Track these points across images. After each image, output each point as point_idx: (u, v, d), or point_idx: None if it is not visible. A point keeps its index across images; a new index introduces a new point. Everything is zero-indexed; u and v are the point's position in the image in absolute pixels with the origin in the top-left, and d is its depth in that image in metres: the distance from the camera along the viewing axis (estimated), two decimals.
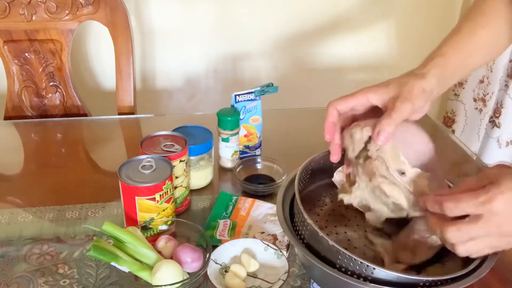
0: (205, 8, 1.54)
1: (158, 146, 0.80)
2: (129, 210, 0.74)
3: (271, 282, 0.66)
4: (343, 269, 0.55)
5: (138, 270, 0.64)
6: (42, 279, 0.69)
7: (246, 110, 0.96)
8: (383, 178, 0.61)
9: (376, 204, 0.63)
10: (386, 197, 0.62)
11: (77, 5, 1.21)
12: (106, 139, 1.13)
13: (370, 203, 0.64)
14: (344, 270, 0.55)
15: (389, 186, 0.61)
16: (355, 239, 0.65)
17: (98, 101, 1.45)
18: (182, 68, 1.64)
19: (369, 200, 0.64)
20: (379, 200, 0.63)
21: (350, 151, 0.66)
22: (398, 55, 1.69)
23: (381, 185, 0.61)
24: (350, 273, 0.55)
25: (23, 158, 1.03)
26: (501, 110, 1.56)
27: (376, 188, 0.62)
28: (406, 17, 1.66)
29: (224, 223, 0.80)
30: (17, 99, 1.27)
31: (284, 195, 0.67)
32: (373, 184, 0.62)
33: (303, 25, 1.61)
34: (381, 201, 0.63)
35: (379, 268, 0.53)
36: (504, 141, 1.66)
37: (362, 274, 0.54)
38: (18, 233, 0.78)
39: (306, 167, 0.69)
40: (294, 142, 1.08)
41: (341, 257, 0.55)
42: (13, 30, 1.21)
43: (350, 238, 0.65)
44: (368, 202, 0.64)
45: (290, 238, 0.60)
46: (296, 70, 1.69)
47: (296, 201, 0.62)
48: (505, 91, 1.57)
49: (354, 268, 0.55)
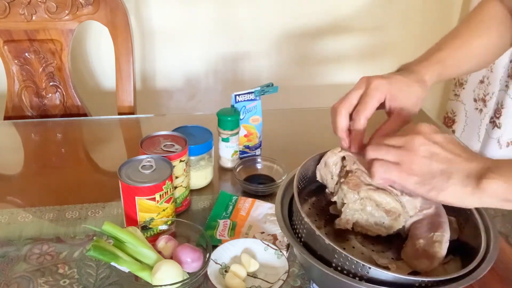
0: (205, 8, 1.54)
1: (158, 146, 0.80)
2: (129, 210, 0.74)
3: (271, 282, 0.66)
4: (339, 268, 0.55)
5: (138, 270, 0.64)
6: (42, 279, 0.69)
7: (246, 110, 0.96)
8: (369, 186, 0.62)
9: (370, 223, 0.63)
10: (377, 209, 0.62)
11: (77, 5, 1.21)
12: (106, 139, 1.13)
13: (364, 222, 0.64)
14: (340, 269, 0.55)
15: (377, 192, 0.62)
16: (354, 238, 0.65)
17: (98, 101, 1.45)
18: (182, 68, 1.64)
19: (363, 221, 0.64)
20: (372, 218, 0.63)
21: (329, 182, 0.68)
22: (398, 55, 1.70)
23: (369, 193, 0.62)
24: (346, 272, 0.55)
25: (23, 158, 1.03)
26: (502, 111, 1.56)
27: (366, 200, 0.62)
28: (407, 18, 1.66)
29: (224, 223, 0.80)
30: (17, 99, 1.27)
31: (284, 194, 0.67)
32: (362, 196, 0.62)
33: (303, 25, 1.61)
34: (375, 219, 0.63)
35: (374, 268, 0.53)
36: (505, 142, 1.66)
37: (358, 274, 0.54)
38: (18, 233, 0.78)
39: (305, 165, 0.69)
40: (294, 142, 1.08)
41: (337, 256, 0.55)
42: (13, 30, 1.21)
43: (349, 238, 0.65)
44: (362, 222, 0.64)
45: (287, 236, 0.60)
46: (296, 70, 1.69)
47: (294, 199, 0.62)
48: (506, 91, 1.57)
49: (350, 267, 0.55)
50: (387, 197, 0.62)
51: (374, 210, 0.63)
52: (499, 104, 1.60)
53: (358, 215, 0.63)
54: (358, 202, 0.63)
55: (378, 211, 0.63)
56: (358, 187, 0.63)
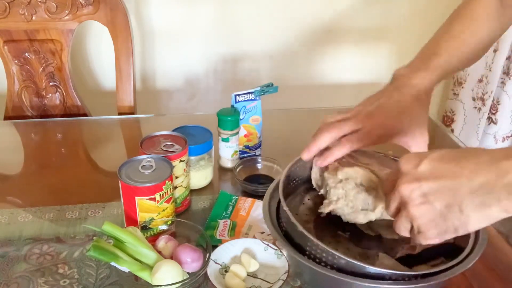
0: (205, 8, 1.54)
1: (158, 146, 0.80)
2: (129, 210, 0.74)
3: (271, 282, 0.66)
4: (312, 256, 0.57)
5: (138, 270, 0.64)
6: (42, 279, 0.69)
7: (246, 110, 0.96)
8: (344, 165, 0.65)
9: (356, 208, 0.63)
10: (359, 190, 0.62)
11: (77, 5, 1.22)
12: (106, 139, 1.13)
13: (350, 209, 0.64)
14: (313, 257, 0.57)
15: (352, 168, 0.63)
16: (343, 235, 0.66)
17: (98, 101, 1.45)
18: (182, 68, 1.64)
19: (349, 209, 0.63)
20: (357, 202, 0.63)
21: (317, 180, 0.70)
22: (398, 56, 1.70)
23: (345, 170, 0.63)
24: (318, 260, 0.56)
25: (23, 158, 1.03)
26: (498, 107, 1.57)
27: (346, 183, 0.63)
28: (406, 21, 1.66)
29: (224, 223, 0.80)
30: (17, 99, 1.27)
31: (275, 187, 0.69)
32: (340, 177, 0.63)
33: (303, 25, 1.61)
34: (360, 203, 0.63)
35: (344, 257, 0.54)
36: (500, 137, 1.67)
37: (328, 263, 0.56)
38: (18, 233, 0.78)
39: (300, 161, 0.70)
40: (294, 142, 1.08)
41: (309, 243, 0.57)
42: (13, 30, 1.21)
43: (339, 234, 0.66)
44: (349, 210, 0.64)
45: (269, 226, 0.62)
46: (296, 70, 1.69)
47: (279, 187, 0.64)
48: (502, 88, 1.58)
49: (321, 256, 0.56)
50: (361, 170, 0.63)
51: (357, 193, 0.63)
52: (495, 101, 1.60)
53: (343, 201, 0.63)
54: (340, 186, 0.63)
55: (360, 193, 0.63)
56: (336, 170, 0.64)
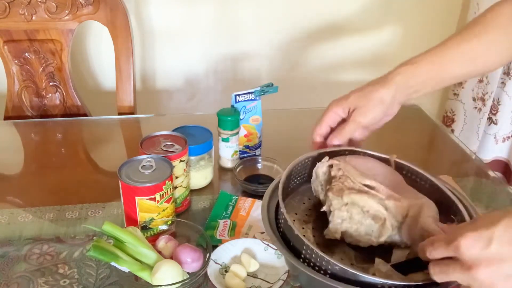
0: (205, 8, 1.54)
1: (158, 146, 0.80)
2: (129, 210, 0.74)
3: (271, 282, 0.66)
4: (307, 260, 0.56)
5: (138, 270, 0.64)
6: (42, 279, 0.69)
7: (246, 110, 0.96)
8: (351, 189, 0.62)
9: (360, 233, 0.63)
10: (365, 216, 0.61)
11: (77, 5, 1.22)
12: (106, 139, 1.13)
13: (353, 232, 0.63)
14: (308, 261, 0.56)
15: (359, 195, 0.62)
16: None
17: (98, 101, 1.45)
18: (182, 68, 1.64)
19: (352, 231, 0.63)
20: (362, 227, 0.62)
21: (320, 193, 0.69)
22: (398, 56, 1.70)
23: (351, 197, 0.61)
24: (313, 265, 0.55)
25: (23, 158, 1.03)
26: (498, 107, 1.56)
27: (351, 206, 0.62)
28: (408, 20, 1.66)
29: (224, 223, 0.80)
30: (17, 99, 1.27)
31: (275, 187, 0.68)
32: (346, 201, 0.62)
33: (303, 25, 1.61)
34: (364, 228, 0.62)
35: (337, 264, 0.53)
36: (501, 137, 1.67)
37: (322, 268, 0.55)
38: (18, 233, 0.78)
39: (302, 160, 0.70)
40: (294, 142, 1.08)
41: (305, 247, 0.56)
42: (13, 30, 1.21)
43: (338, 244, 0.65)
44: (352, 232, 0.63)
45: (267, 229, 0.61)
46: (296, 70, 1.69)
47: (278, 188, 0.63)
48: (502, 88, 1.57)
49: (316, 261, 0.55)
50: (369, 199, 0.61)
51: (362, 218, 0.62)
52: (495, 101, 1.60)
53: (347, 224, 0.62)
54: (344, 208, 0.62)
55: (366, 219, 0.61)
56: (341, 192, 0.62)
